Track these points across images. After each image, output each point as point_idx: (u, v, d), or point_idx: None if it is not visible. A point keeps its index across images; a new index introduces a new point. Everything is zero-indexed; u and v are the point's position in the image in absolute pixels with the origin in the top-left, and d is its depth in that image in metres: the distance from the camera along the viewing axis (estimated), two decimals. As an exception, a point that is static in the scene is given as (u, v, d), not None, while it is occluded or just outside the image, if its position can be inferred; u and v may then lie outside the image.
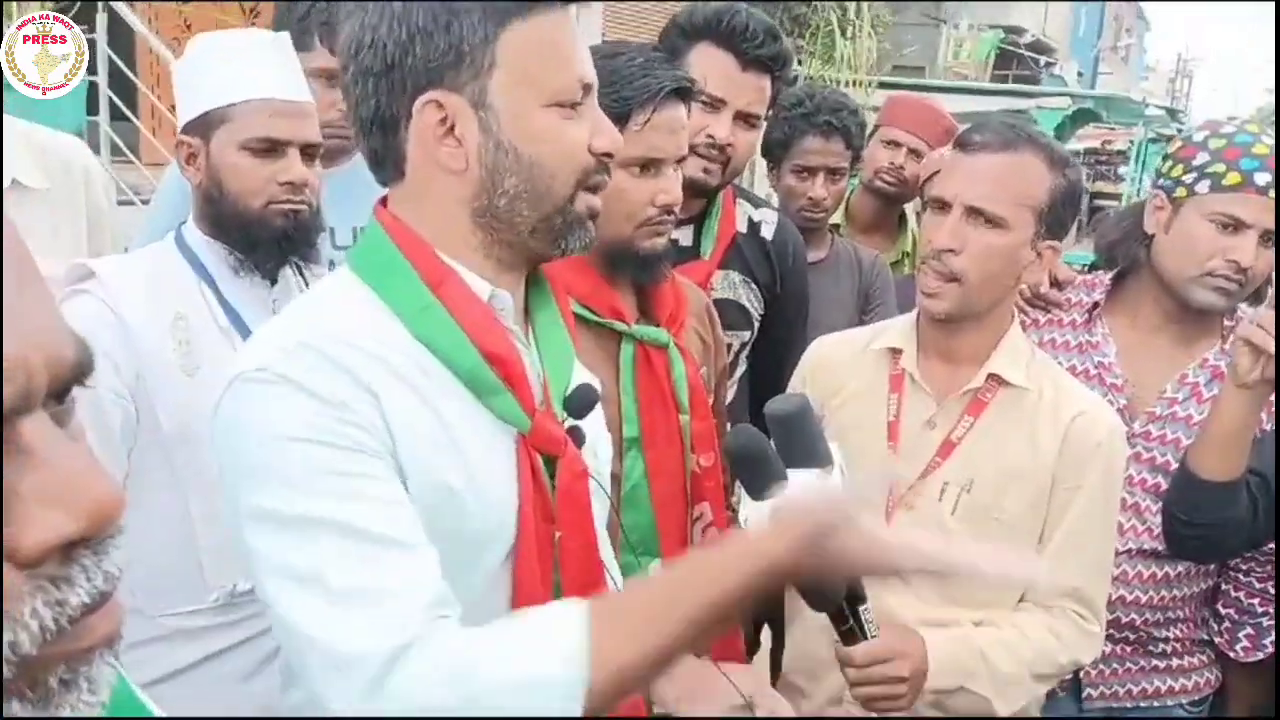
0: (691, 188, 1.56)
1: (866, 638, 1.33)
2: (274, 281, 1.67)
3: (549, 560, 1.06)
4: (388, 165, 1.05)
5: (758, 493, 1.21)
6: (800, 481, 1.21)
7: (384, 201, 1.09)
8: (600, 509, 1.17)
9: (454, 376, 1.01)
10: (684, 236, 1.88)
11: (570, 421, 1.10)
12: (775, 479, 1.19)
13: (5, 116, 1.96)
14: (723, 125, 1.83)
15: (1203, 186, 1.73)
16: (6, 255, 0.43)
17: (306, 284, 1.69)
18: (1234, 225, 1.71)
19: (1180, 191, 1.77)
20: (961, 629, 1.52)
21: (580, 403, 1.10)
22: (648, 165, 1.43)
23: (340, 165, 2.03)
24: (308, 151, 1.63)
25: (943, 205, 1.53)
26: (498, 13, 0.97)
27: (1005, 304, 1.59)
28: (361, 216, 1.97)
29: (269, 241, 1.62)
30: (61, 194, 1.98)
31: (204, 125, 1.60)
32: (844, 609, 1.30)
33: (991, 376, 1.56)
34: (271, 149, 1.58)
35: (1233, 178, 1.70)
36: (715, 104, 1.83)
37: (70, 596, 0.43)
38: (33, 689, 0.43)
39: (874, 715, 1.50)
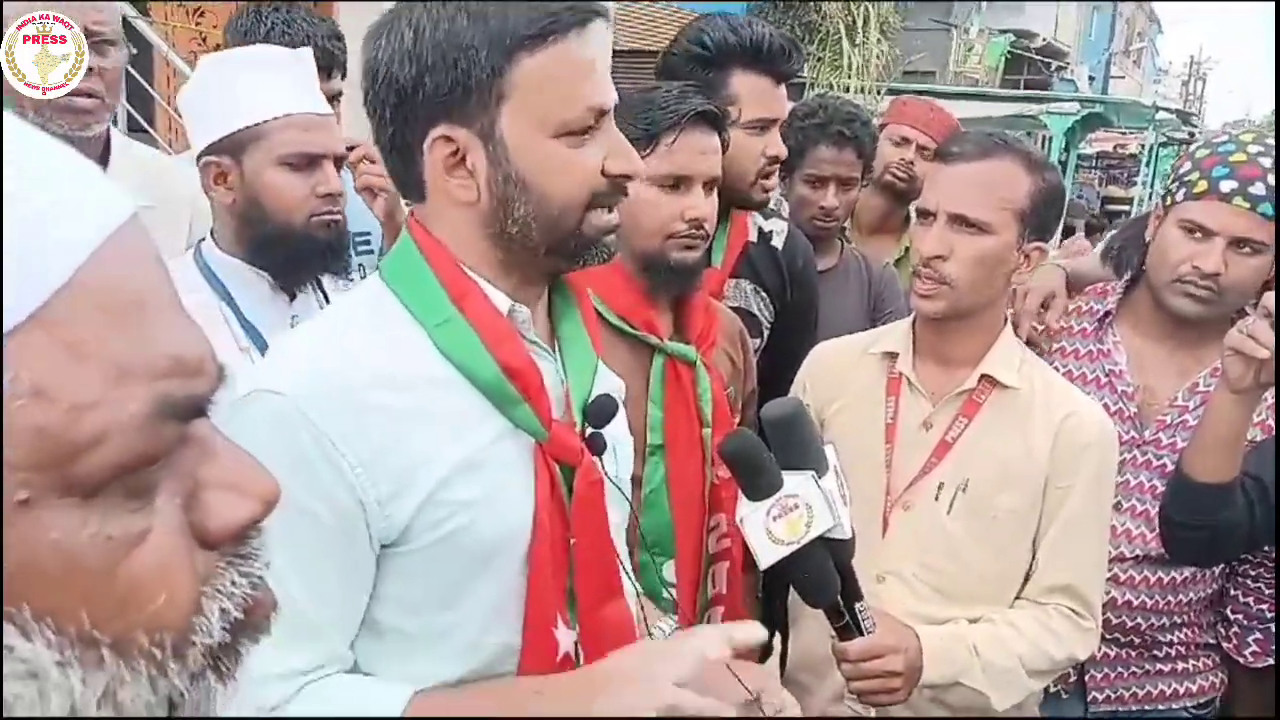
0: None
1: (862, 634, 1.37)
2: (293, 297, 1.68)
3: (564, 566, 1.09)
4: (410, 188, 1.09)
5: (755, 494, 1.25)
6: (796, 483, 1.26)
7: (414, 214, 1.13)
8: (618, 514, 1.20)
9: (474, 388, 1.04)
10: None
11: (590, 430, 1.13)
12: (771, 481, 1.23)
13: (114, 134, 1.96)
14: (776, 142, 1.88)
15: (1180, 194, 1.77)
16: (168, 274, 0.46)
17: (326, 297, 1.70)
18: (1200, 231, 1.73)
19: (1169, 200, 1.81)
20: (956, 625, 1.55)
21: (599, 413, 1.13)
22: (677, 183, 1.53)
23: None
24: (336, 163, 1.65)
25: (928, 215, 1.58)
26: (503, 48, 0.98)
27: (997, 306, 1.63)
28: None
29: (312, 256, 1.63)
30: (164, 215, 1.90)
31: (234, 145, 1.60)
32: (840, 606, 1.34)
33: (984, 377, 1.59)
34: (308, 163, 1.61)
35: (1200, 185, 1.74)
36: (765, 125, 1.86)
37: (255, 568, 0.47)
38: (217, 667, 0.46)
39: (874, 710, 1.54)
